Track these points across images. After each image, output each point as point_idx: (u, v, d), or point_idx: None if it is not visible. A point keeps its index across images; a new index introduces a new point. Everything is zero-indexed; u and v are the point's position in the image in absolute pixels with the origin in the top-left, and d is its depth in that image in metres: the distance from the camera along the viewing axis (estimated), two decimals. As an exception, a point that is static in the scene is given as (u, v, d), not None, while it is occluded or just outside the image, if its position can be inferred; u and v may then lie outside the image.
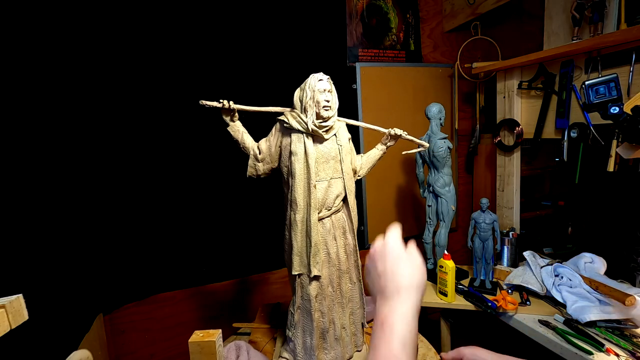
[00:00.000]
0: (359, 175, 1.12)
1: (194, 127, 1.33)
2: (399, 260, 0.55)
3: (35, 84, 0.98)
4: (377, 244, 0.60)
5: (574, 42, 1.27)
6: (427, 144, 1.15)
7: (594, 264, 1.33)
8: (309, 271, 0.98)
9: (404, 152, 1.20)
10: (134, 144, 1.27)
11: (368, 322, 1.17)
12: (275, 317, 1.29)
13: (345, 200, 1.05)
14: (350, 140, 1.08)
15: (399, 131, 1.11)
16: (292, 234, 0.99)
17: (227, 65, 1.37)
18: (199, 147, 1.36)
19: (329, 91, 0.96)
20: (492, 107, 1.73)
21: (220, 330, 0.82)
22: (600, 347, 1.03)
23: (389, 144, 1.13)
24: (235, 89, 1.37)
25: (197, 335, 0.80)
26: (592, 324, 1.12)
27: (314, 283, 1.00)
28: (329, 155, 1.00)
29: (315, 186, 0.97)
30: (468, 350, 0.67)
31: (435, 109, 1.50)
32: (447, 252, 1.41)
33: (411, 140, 1.14)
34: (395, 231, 0.60)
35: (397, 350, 0.47)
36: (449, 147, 1.47)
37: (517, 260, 1.58)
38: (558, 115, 1.37)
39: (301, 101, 0.96)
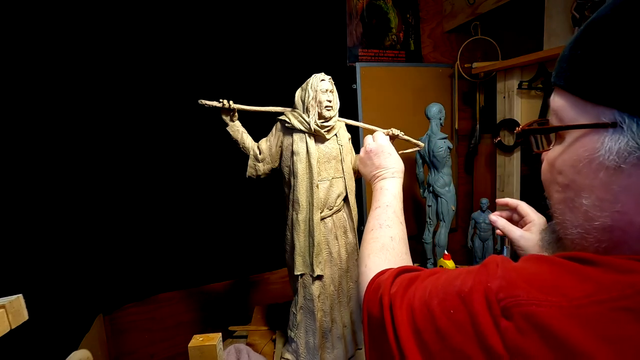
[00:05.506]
0: (359, 175, 1.12)
1: (194, 127, 1.32)
2: (389, 155, 0.80)
3: (35, 84, 0.98)
4: (371, 144, 0.81)
5: (574, 42, 1.27)
6: (422, 144, 1.15)
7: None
8: (312, 271, 0.98)
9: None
10: (133, 143, 1.26)
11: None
12: (272, 317, 1.29)
13: (346, 199, 1.05)
14: (351, 140, 1.08)
15: (396, 131, 1.11)
16: (294, 234, 0.99)
17: (227, 65, 1.36)
18: (198, 147, 1.35)
19: (330, 91, 0.96)
20: (492, 107, 1.73)
21: (220, 334, 0.81)
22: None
23: None
24: (235, 89, 1.37)
25: (197, 340, 0.79)
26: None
27: (317, 283, 1.00)
28: (330, 155, 1.00)
29: (317, 186, 0.97)
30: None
31: (435, 109, 1.50)
32: (447, 252, 1.41)
33: (407, 140, 1.15)
34: (382, 134, 0.86)
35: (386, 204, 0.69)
36: (449, 147, 1.47)
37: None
38: (558, 115, 1.38)
39: (303, 101, 0.96)
